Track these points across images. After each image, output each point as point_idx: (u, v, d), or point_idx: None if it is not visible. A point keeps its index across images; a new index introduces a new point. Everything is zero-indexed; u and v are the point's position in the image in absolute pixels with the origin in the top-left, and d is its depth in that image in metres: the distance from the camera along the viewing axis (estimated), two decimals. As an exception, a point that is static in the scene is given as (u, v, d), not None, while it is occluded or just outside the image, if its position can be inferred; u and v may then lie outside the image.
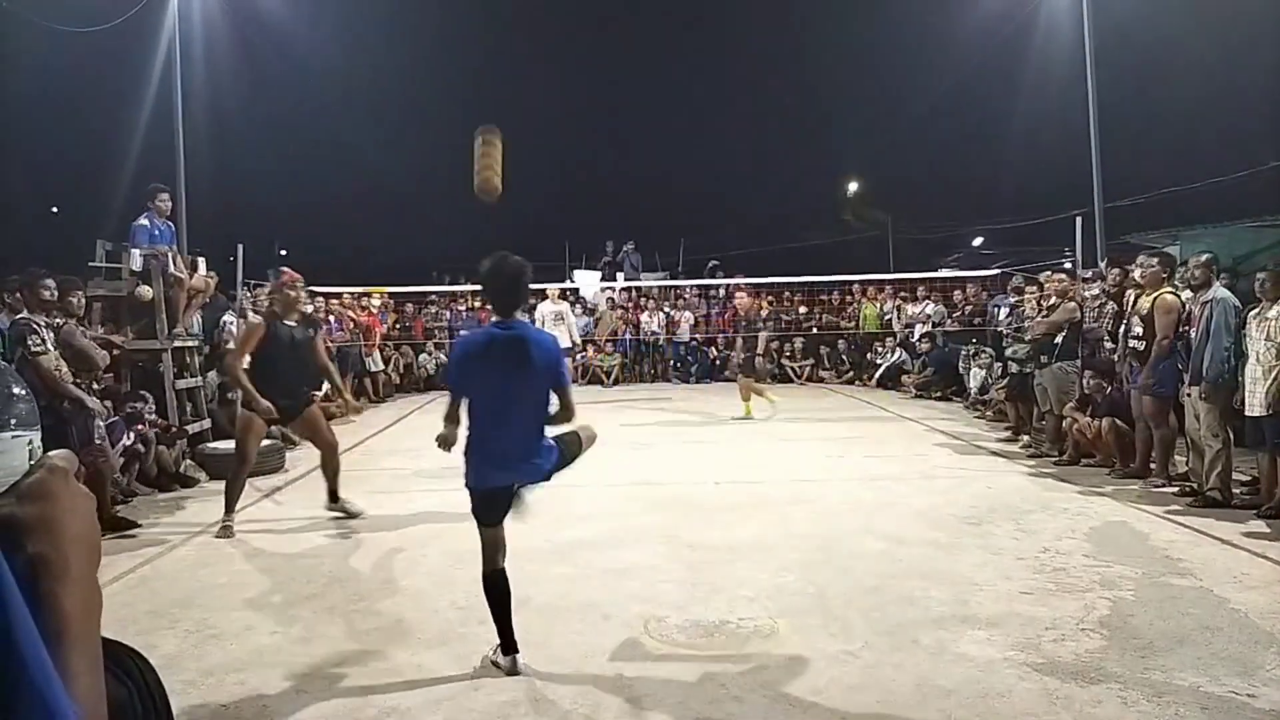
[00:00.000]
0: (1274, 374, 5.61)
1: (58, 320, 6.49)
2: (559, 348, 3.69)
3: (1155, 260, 7.02)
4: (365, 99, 30.13)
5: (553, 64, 33.81)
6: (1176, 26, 18.07)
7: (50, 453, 0.71)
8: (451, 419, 3.55)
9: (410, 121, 31.27)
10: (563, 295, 14.49)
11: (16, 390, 0.87)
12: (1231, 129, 19.95)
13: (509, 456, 3.48)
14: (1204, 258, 6.51)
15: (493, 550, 3.57)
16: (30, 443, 0.85)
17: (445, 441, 3.56)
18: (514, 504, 3.57)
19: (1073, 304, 8.14)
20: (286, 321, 5.90)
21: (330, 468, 6.13)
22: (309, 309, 12.44)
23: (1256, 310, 5.91)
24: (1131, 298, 7.35)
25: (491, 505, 3.53)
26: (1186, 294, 6.81)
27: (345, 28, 24.83)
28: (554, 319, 12.78)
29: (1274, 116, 16.95)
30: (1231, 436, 6.14)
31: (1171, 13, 17.61)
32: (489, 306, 3.77)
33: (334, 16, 22.90)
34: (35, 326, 5.71)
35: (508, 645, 3.52)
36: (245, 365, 5.77)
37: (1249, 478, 6.46)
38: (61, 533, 0.65)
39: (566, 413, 3.60)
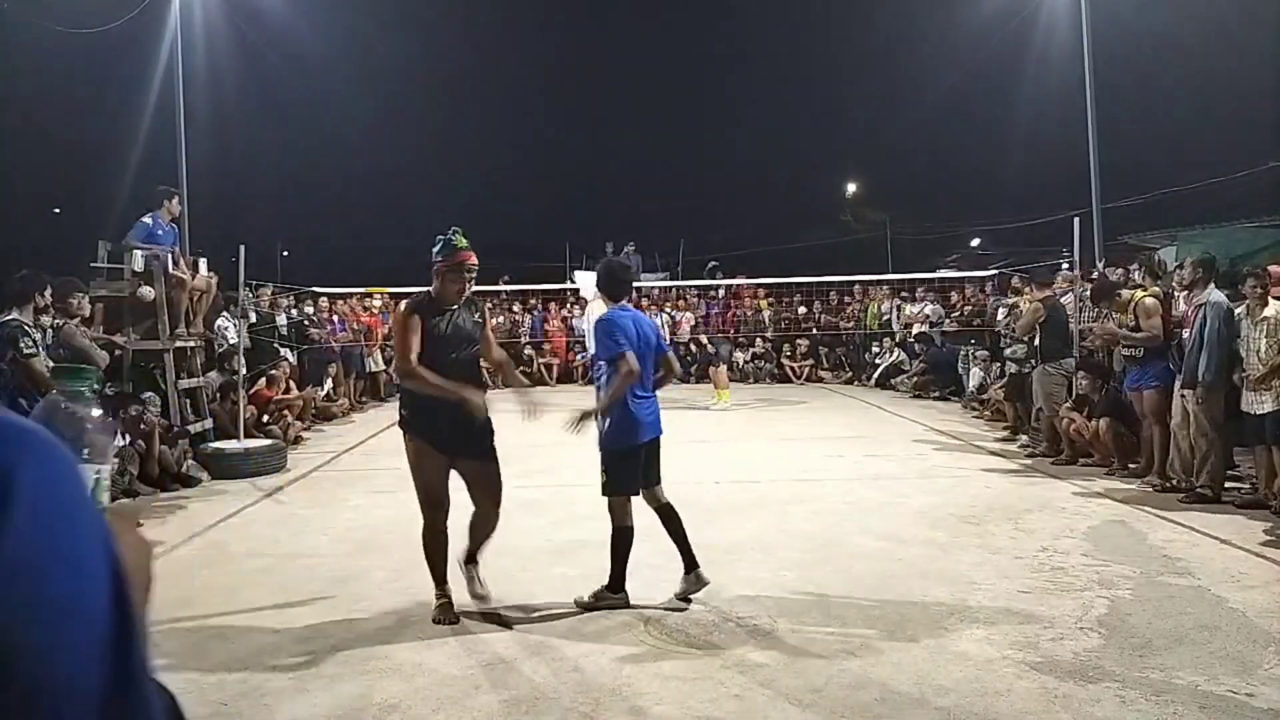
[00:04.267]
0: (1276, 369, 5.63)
1: (58, 321, 6.49)
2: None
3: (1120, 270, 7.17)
4: (366, 100, 30.15)
5: (553, 64, 33.82)
6: (1176, 27, 18.09)
7: (115, 502, 0.74)
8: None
9: (411, 122, 31.30)
10: (576, 301, 14.15)
11: (92, 422, 0.90)
12: (1231, 129, 19.96)
13: (652, 414, 4.39)
14: (1197, 258, 6.54)
15: (621, 511, 4.33)
16: (99, 474, 0.88)
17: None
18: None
19: (1036, 304, 8.21)
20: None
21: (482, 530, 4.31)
22: (310, 309, 12.56)
23: (1247, 310, 5.92)
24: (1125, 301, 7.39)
25: (635, 461, 4.28)
26: (1183, 294, 6.84)
27: (347, 29, 24.85)
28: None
29: (1274, 116, 16.95)
30: (1217, 435, 6.16)
31: (1170, 13, 17.62)
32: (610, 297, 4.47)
33: (335, 18, 22.92)
34: (26, 329, 5.67)
35: (689, 564, 4.32)
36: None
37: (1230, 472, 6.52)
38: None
39: (670, 373, 4.60)
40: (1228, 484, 6.31)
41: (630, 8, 33.34)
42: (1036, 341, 8.20)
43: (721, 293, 17.74)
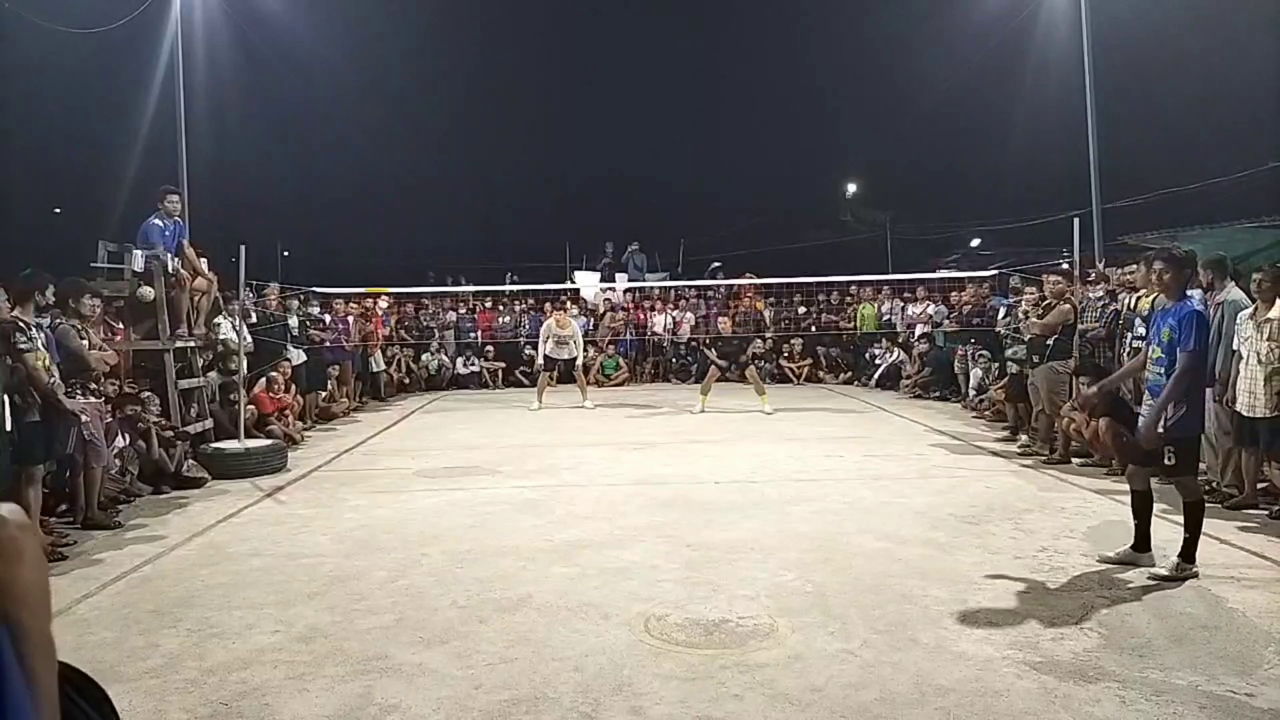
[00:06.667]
0: (1277, 375, 5.61)
1: (58, 320, 6.48)
2: None
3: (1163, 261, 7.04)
4: (367, 100, 30.15)
5: (552, 64, 33.83)
6: (1175, 26, 18.08)
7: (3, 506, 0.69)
8: None
9: (412, 122, 31.29)
10: (575, 300, 13.93)
11: None
12: (1230, 129, 19.93)
13: None
14: (1209, 260, 6.51)
15: None
16: None
17: None
18: None
19: (1068, 305, 8.15)
20: None
21: None
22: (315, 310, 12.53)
23: (1252, 311, 5.90)
24: (1130, 299, 7.35)
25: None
26: (1196, 293, 6.83)
27: (346, 29, 24.84)
28: (556, 344, 12.43)
29: (1273, 116, 16.94)
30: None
31: (1170, 13, 17.62)
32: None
33: (335, 18, 22.92)
34: (22, 325, 5.65)
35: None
36: None
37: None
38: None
39: None
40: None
41: (631, 7, 33.36)
42: (1050, 340, 8.16)
43: (722, 292, 17.72)
